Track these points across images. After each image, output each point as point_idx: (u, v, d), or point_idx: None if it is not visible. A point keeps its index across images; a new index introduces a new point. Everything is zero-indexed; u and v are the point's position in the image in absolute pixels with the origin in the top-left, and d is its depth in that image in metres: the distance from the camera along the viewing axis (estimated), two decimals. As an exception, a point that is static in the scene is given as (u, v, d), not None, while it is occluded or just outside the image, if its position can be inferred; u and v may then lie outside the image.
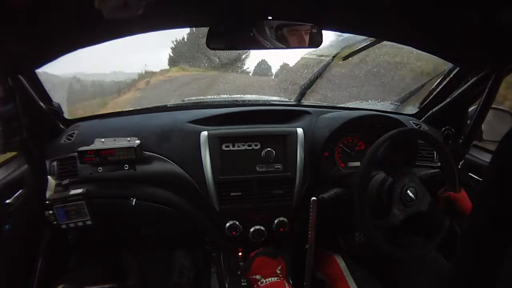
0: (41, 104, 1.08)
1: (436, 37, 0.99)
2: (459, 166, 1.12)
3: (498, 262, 0.44)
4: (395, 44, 1.14)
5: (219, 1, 0.84)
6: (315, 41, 0.94)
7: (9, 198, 0.94)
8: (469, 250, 0.50)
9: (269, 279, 0.75)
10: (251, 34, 0.90)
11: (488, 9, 0.73)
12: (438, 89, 1.29)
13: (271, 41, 0.92)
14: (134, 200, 1.08)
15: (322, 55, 1.43)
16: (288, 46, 0.96)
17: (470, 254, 0.50)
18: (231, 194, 1.08)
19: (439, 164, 1.12)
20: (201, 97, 1.53)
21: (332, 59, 1.33)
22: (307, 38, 0.93)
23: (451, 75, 1.22)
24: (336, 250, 1.14)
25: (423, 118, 1.34)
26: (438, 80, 1.28)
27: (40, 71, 1.06)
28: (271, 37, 0.91)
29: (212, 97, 1.53)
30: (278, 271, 0.76)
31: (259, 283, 0.77)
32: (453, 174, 0.88)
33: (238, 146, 1.11)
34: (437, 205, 0.88)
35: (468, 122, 1.12)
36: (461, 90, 1.16)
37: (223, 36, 0.92)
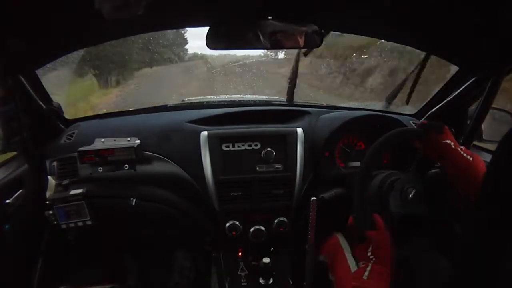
0: (41, 104, 1.08)
1: (436, 37, 0.99)
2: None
3: (498, 262, 0.44)
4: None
5: (219, 1, 0.84)
6: (315, 41, 0.94)
7: (9, 198, 0.94)
8: (469, 250, 0.50)
9: (360, 263, 0.77)
10: (251, 34, 0.90)
11: (488, 10, 0.73)
12: (438, 89, 1.28)
13: (271, 41, 0.91)
14: (134, 200, 1.08)
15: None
16: (287, 46, 0.96)
17: (470, 255, 0.50)
18: (231, 194, 1.08)
19: (439, 164, 1.12)
20: (201, 97, 1.53)
21: (298, 56, 1.32)
22: (306, 38, 0.93)
23: (451, 75, 1.22)
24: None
25: (423, 118, 1.34)
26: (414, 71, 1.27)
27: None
28: (270, 37, 0.91)
29: (212, 97, 1.54)
30: (369, 254, 0.75)
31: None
32: None
33: (238, 146, 1.11)
34: (437, 206, 0.87)
35: (468, 122, 1.12)
36: (461, 90, 1.16)
37: (223, 36, 0.92)
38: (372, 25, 1.01)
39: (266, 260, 1.07)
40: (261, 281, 1.10)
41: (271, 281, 1.10)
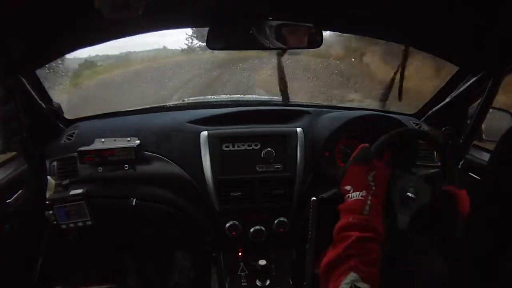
0: (41, 104, 1.08)
1: (436, 37, 0.99)
2: (459, 166, 1.12)
3: (497, 262, 0.44)
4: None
5: (219, 1, 0.84)
6: (315, 41, 0.94)
7: (9, 198, 0.94)
8: (468, 250, 0.50)
9: (356, 193, 0.72)
10: (251, 34, 0.90)
11: (488, 9, 0.74)
12: (438, 89, 1.29)
13: (271, 41, 0.92)
14: (134, 200, 1.08)
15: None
16: (287, 46, 0.96)
17: (469, 254, 0.50)
18: (231, 194, 1.08)
19: (439, 164, 1.12)
20: (201, 97, 1.54)
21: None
22: (306, 38, 0.93)
23: (451, 75, 1.22)
24: None
25: (423, 118, 1.34)
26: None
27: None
28: (270, 37, 0.91)
29: (212, 97, 1.54)
30: (370, 179, 0.73)
31: (347, 196, 0.74)
32: (452, 172, 0.88)
33: (238, 146, 1.11)
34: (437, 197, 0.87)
35: (468, 122, 1.12)
36: (461, 90, 1.16)
37: (223, 36, 0.92)
38: (372, 26, 1.01)
39: (262, 262, 1.07)
40: (257, 283, 1.10)
41: (267, 282, 1.10)
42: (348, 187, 0.75)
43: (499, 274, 0.44)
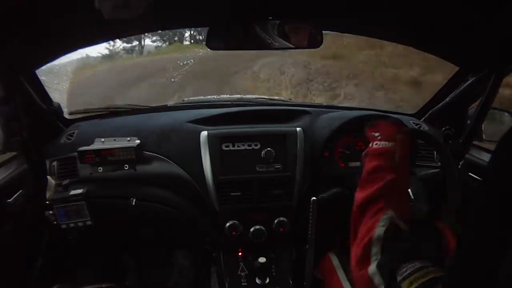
0: (41, 104, 1.08)
1: (436, 37, 0.99)
2: (459, 166, 1.12)
3: (496, 265, 0.44)
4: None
5: (219, 1, 0.84)
6: (315, 41, 0.94)
7: (9, 198, 0.94)
8: (465, 253, 0.50)
9: (384, 142, 0.70)
10: (251, 34, 0.90)
11: (488, 9, 0.73)
12: (438, 89, 1.28)
13: (271, 41, 0.92)
14: (134, 200, 1.08)
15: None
16: (288, 46, 0.96)
17: (466, 258, 0.50)
18: (231, 194, 1.08)
19: (439, 164, 1.12)
20: (201, 97, 1.53)
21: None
22: (307, 38, 0.93)
23: (451, 75, 1.22)
24: (333, 248, 1.14)
25: (423, 118, 1.34)
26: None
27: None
28: (270, 37, 0.91)
29: (212, 97, 1.54)
30: (399, 137, 0.71)
31: (374, 143, 0.71)
32: (453, 173, 0.87)
33: (238, 146, 1.11)
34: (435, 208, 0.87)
35: (468, 122, 1.12)
36: (461, 90, 1.16)
37: (223, 36, 0.92)
38: (372, 26, 1.01)
39: (262, 259, 1.07)
40: (257, 281, 1.10)
41: (267, 280, 1.10)
42: (376, 134, 0.73)
43: (499, 276, 0.44)
